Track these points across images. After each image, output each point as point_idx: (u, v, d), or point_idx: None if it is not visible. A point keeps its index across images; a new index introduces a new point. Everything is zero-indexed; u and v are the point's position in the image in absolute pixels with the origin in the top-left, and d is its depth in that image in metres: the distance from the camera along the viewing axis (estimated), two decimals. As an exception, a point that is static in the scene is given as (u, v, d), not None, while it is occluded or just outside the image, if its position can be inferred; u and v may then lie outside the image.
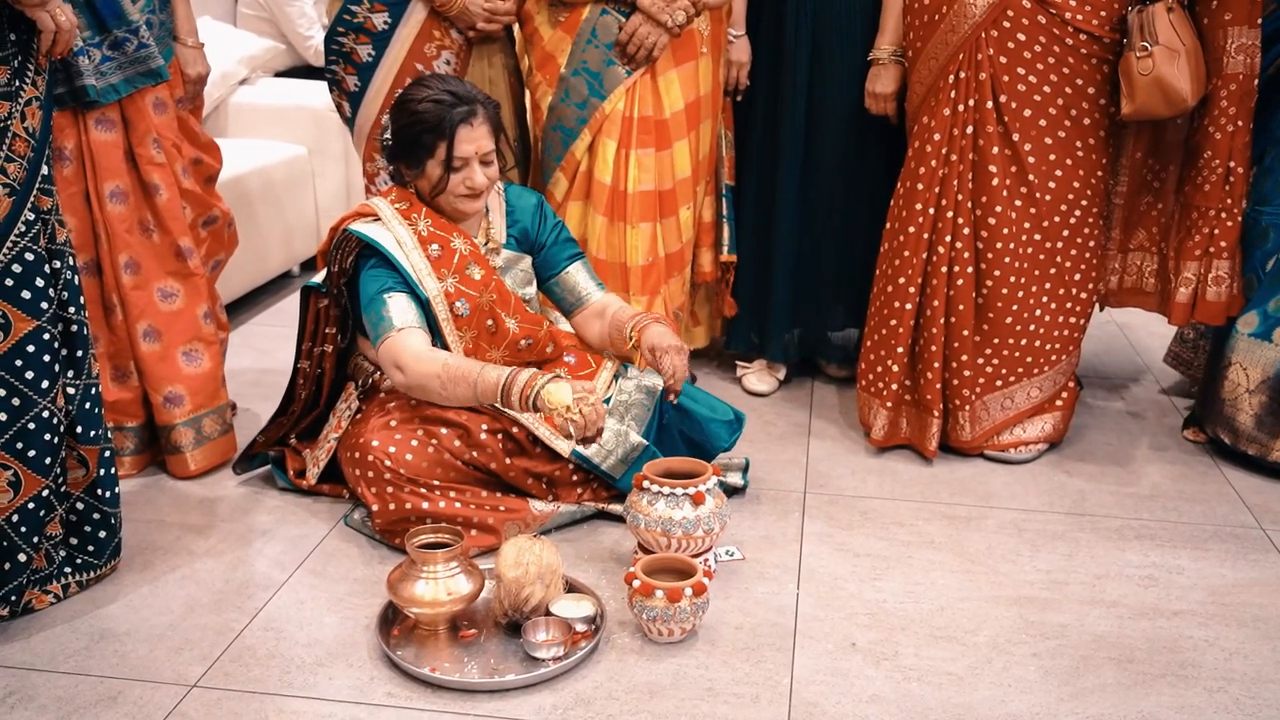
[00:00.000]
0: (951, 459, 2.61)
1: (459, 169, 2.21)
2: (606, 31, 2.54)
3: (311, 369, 2.41)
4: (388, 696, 1.76)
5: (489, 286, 2.26)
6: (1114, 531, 2.30)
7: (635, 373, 2.37)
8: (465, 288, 2.24)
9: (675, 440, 2.35)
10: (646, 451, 2.25)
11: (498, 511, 2.19)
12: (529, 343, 2.31)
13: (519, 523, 2.20)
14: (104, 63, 2.24)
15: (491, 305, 2.26)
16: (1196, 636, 1.95)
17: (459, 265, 2.24)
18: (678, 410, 2.33)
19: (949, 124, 2.45)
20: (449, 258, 2.24)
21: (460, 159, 2.20)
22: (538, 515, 2.23)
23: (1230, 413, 2.57)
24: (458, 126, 2.18)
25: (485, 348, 2.27)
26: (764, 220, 2.90)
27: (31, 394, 1.83)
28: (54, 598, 1.99)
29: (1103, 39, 2.37)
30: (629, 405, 2.30)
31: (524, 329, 2.30)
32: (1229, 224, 2.48)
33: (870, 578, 2.11)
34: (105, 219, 2.31)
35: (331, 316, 2.35)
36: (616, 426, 2.25)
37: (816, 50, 2.74)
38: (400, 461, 2.14)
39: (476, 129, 2.20)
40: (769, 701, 1.76)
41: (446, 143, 2.18)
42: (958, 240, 2.48)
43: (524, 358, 2.31)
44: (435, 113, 2.18)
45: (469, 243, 2.28)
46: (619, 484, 2.26)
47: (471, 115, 2.20)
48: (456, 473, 2.20)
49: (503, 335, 2.28)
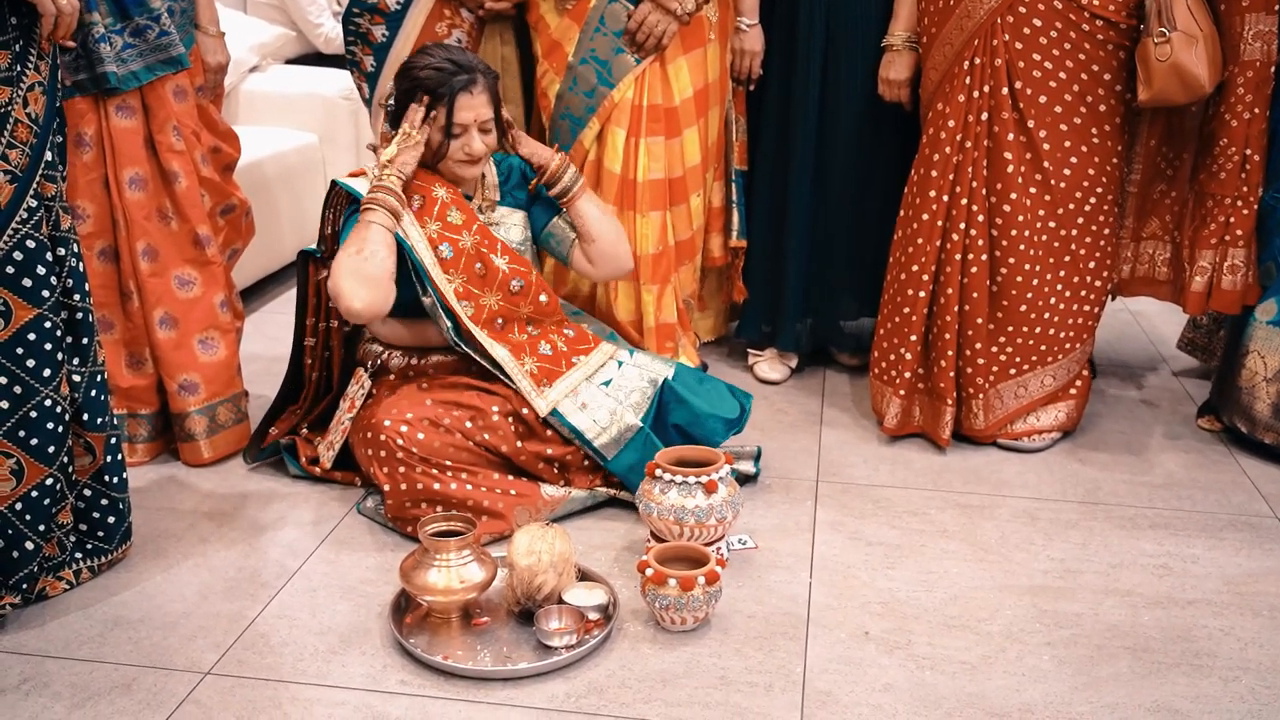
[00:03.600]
0: (965, 448, 2.60)
1: (458, 135, 2.26)
2: (615, 19, 2.53)
3: (319, 348, 2.42)
4: (400, 684, 1.77)
5: (471, 229, 2.29)
6: (1128, 520, 2.29)
7: (641, 360, 2.37)
8: (448, 232, 2.28)
9: (669, 431, 2.32)
10: (640, 434, 2.25)
11: (509, 496, 2.19)
12: (521, 285, 2.32)
13: (529, 507, 2.20)
14: (125, 50, 2.25)
15: (476, 246, 2.29)
16: (1211, 626, 1.94)
17: (440, 212, 2.28)
18: (677, 401, 2.32)
19: (963, 110, 2.43)
20: (430, 206, 2.28)
21: (460, 125, 2.25)
22: (549, 500, 2.23)
23: (1247, 401, 2.55)
24: (458, 93, 2.23)
25: (477, 292, 2.29)
26: (776, 209, 2.89)
27: (33, 382, 1.83)
28: (67, 584, 1.99)
29: (1119, 25, 2.35)
30: (629, 391, 2.31)
31: (514, 270, 2.31)
32: (1245, 212, 2.47)
33: (883, 566, 2.11)
34: (124, 206, 2.32)
35: None
36: (613, 406, 2.27)
37: (830, 37, 2.72)
38: (412, 440, 2.14)
39: (476, 97, 2.25)
40: (782, 690, 1.76)
41: (447, 109, 2.22)
42: (972, 227, 2.47)
43: (518, 304, 2.32)
44: (437, 79, 2.23)
45: (452, 192, 2.32)
46: (610, 465, 2.26)
47: (472, 83, 2.24)
48: (469, 454, 2.20)
49: (493, 276, 2.29)
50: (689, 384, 2.36)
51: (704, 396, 2.36)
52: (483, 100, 2.26)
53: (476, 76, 2.25)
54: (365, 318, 2.15)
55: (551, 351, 2.32)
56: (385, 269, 2.13)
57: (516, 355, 2.28)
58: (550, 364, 2.30)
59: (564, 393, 2.27)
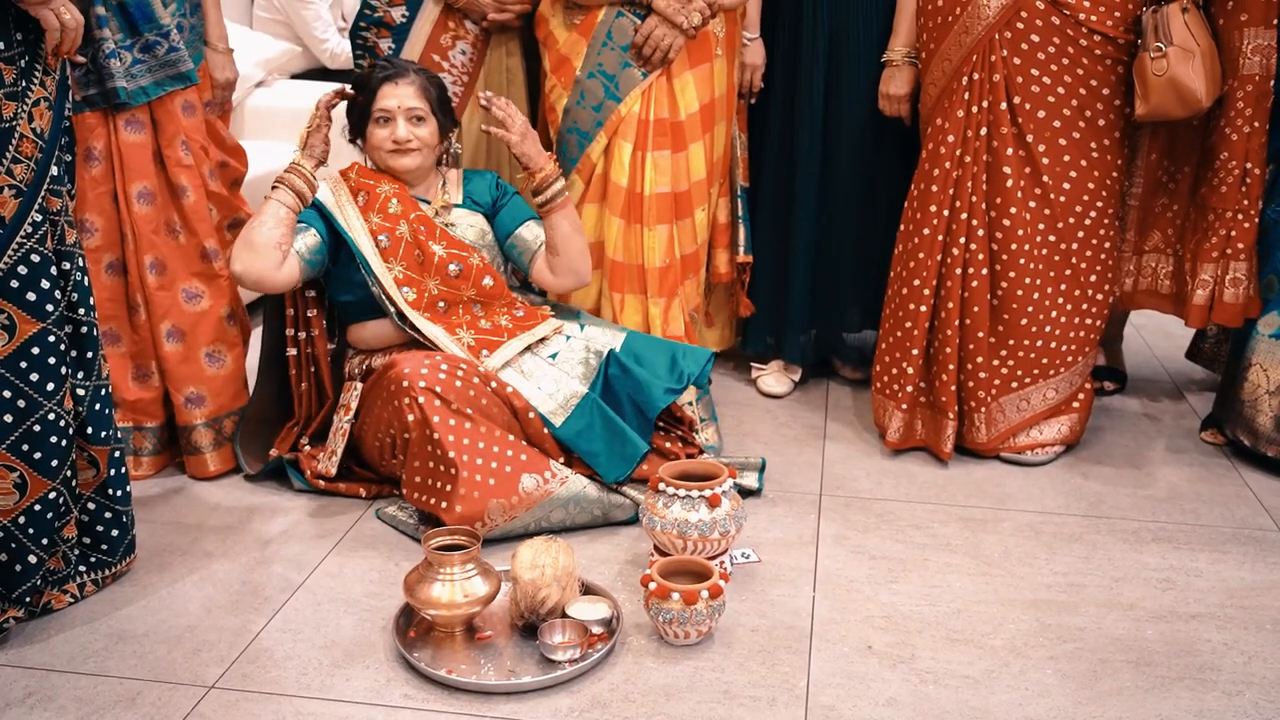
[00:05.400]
0: (968, 461, 2.61)
1: (383, 121, 2.39)
2: (622, 34, 2.55)
3: (303, 360, 2.50)
4: (404, 698, 1.77)
5: (408, 218, 2.39)
6: (1131, 534, 2.30)
7: (590, 333, 2.44)
8: (385, 222, 2.39)
9: (621, 401, 2.35)
10: (586, 399, 2.31)
11: (519, 461, 2.20)
12: (459, 268, 2.38)
13: (538, 475, 2.20)
14: (134, 65, 2.27)
15: (415, 234, 2.38)
16: (1215, 640, 1.94)
17: (382, 205, 2.41)
18: (622, 372, 2.36)
19: (963, 125, 2.44)
20: (373, 201, 2.42)
21: (383, 110, 2.38)
22: (556, 474, 2.23)
23: (1250, 414, 2.56)
24: (382, 83, 2.39)
25: (417, 278, 2.38)
26: (780, 222, 2.90)
27: (37, 396, 1.83)
28: (71, 597, 2.00)
29: (1117, 40, 2.36)
30: (575, 364, 2.38)
31: (451, 254, 2.38)
32: (1246, 225, 2.47)
33: (886, 580, 2.11)
34: (132, 219, 2.34)
35: (310, 299, 2.49)
36: (557, 375, 2.35)
37: (832, 52, 2.74)
38: (435, 380, 2.19)
39: (402, 87, 2.39)
40: (785, 704, 1.76)
41: (372, 97, 2.38)
42: (972, 242, 2.48)
43: (459, 287, 2.39)
44: (367, 74, 2.43)
45: (397, 187, 2.44)
46: (559, 431, 2.29)
47: (399, 75, 2.40)
48: (488, 402, 2.24)
49: (429, 261, 2.37)
50: (635, 353, 2.40)
51: (648, 365, 2.40)
52: (409, 91, 2.38)
53: (407, 72, 2.40)
54: (246, 282, 2.31)
55: (491, 326, 2.40)
56: (269, 238, 2.29)
57: (451, 331, 2.36)
58: (490, 335, 2.38)
59: (503, 360, 2.33)
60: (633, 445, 2.29)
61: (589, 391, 2.33)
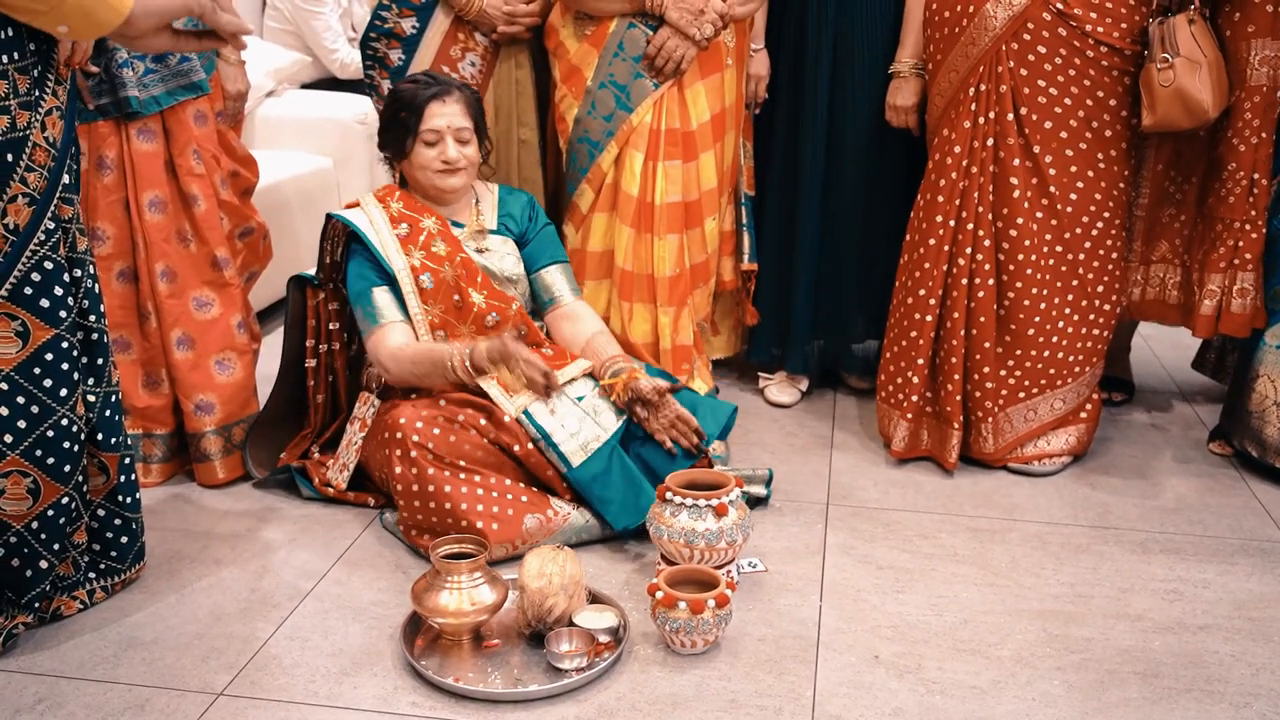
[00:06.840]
0: (975, 471, 2.61)
1: (432, 143, 2.35)
2: (634, 44, 2.56)
3: (322, 372, 2.48)
4: (412, 706, 1.78)
5: (454, 261, 2.36)
6: (1139, 545, 2.29)
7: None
8: (430, 262, 2.35)
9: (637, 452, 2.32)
10: (606, 446, 2.27)
11: (519, 503, 2.20)
12: (496, 319, 2.37)
13: (540, 514, 2.21)
14: (147, 75, 2.30)
15: (457, 279, 2.35)
16: (1222, 651, 1.93)
17: (425, 241, 2.36)
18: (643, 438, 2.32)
19: (969, 136, 2.45)
20: (416, 235, 2.36)
21: (432, 131, 2.34)
22: (558, 513, 2.23)
23: (1258, 425, 2.55)
24: (429, 102, 2.34)
25: (453, 323, 2.36)
26: (786, 232, 2.91)
27: (50, 402, 1.84)
28: (81, 604, 2.01)
29: (1124, 51, 2.37)
30: (601, 411, 2.34)
31: (490, 304, 2.37)
32: (1253, 236, 2.48)
33: (893, 590, 2.11)
34: (144, 228, 2.36)
35: (332, 312, 2.48)
36: (581, 416, 2.30)
37: (837, 63, 2.75)
38: (428, 436, 2.17)
39: (449, 105, 2.35)
40: (792, 714, 1.76)
41: (419, 116, 2.33)
42: (978, 252, 2.48)
43: (492, 335, 2.35)
44: (410, 91, 2.36)
45: (440, 223, 2.39)
46: (574, 473, 2.24)
47: (445, 94, 2.36)
48: (483, 454, 2.22)
49: (468, 310, 2.35)
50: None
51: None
52: (457, 110, 2.35)
53: (451, 89, 2.37)
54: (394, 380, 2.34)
55: None
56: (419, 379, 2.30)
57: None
58: None
59: (533, 397, 2.29)
60: (647, 497, 2.23)
61: (610, 439, 2.29)
